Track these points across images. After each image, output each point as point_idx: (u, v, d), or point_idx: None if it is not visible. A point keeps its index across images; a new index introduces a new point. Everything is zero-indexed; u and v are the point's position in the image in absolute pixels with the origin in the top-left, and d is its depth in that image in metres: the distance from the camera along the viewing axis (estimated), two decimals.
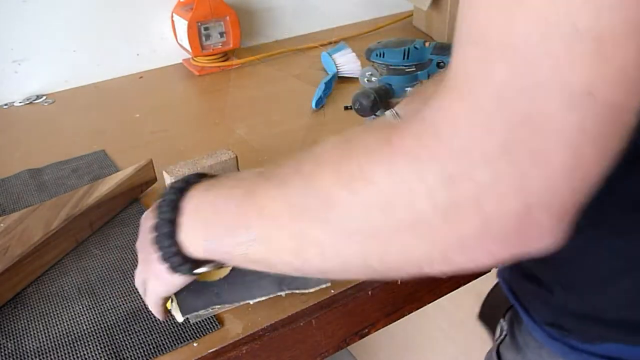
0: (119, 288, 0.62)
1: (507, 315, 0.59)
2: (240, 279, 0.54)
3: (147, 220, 0.46)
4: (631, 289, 0.41)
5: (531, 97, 0.26)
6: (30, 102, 1.14)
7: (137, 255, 0.51)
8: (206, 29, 1.20)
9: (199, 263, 0.42)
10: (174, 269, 0.43)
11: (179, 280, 0.44)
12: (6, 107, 1.12)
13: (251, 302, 0.55)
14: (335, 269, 0.35)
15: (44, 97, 1.15)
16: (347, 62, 1.16)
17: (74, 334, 0.57)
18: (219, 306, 0.54)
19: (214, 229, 0.39)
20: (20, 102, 1.13)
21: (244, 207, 0.37)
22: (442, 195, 0.28)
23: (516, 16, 0.26)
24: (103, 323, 0.58)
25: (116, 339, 0.56)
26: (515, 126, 0.26)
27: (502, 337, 0.59)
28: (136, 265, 0.65)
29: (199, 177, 0.44)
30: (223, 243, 0.39)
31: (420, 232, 0.30)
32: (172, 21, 1.25)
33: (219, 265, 0.44)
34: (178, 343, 0.55)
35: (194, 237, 0.41)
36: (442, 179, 0.28)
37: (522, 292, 0.52)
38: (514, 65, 0.26)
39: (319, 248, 0.34)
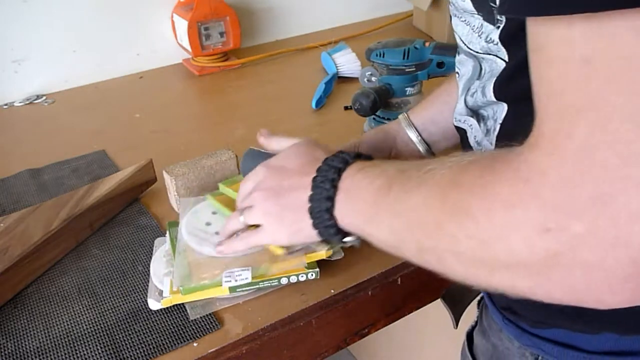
0: (119, 288, 0.62)
1: (480, 304, 0.61)
2: None
3: (289, 177, 0.51)
4: None
5: (621, 155, 0.26)
6: (30, 102, 1.14)
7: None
8: (206, 29, 1.20)
9: (345, 233, 0.48)
10: (325, 236, 0.49)
11: (312, 241, 0.51)
12: (6, 107, 1.12)
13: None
14: (449, 275, 0.38)
15: (44, 97, 1.15)
16: (347, 62, 1.16)
17: (74, 334, 0.57)
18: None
19: (359, 213, 0.45)
20: (20, 102, 1.13)
21: (378, 203, 0.43)
22: (539, 243, 0.30)
23: (590, 78, 0.27)
24: (103, 323, 0.58)
25: (116, 339, 0.56)
26: (607, 180, 0.27)
27: (473, 323, 0.61)
28: (135, 265, 0.65)
29: (354, 157, 0.48)
30: (364, 228, 0.45)
31: (518, 272, 0.32)
32: (172, 21, 1.25)
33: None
34: (178, 343, 0.55)
35: (350, 216, 0.46)
36: (537, 229, 0.30)
37: None
38: (596, 124, 0.27)
39: (434, 256, 0.38)
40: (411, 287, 0.65)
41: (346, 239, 0.50)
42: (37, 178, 0.84)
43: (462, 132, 0.53)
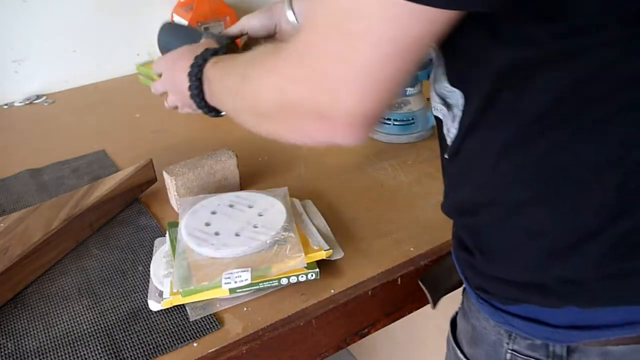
0: (119, 288, 0.62)
1: (464, 291, 0.62)
2: None
3: (180, 64, 0.68)
4: (535, 255, 0.46)
5: (312, 53, 0.42)
6: (30, 102, 1.14)
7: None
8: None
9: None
10: (205, 112, 0.67)
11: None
12: (6, 107, 1.12)
13: None
14: (247, 127, 0.55)
15: (44, 97, 1.15)
16: None
17: (74, 334, 0.57)
18: None
19: (214, 96, 0.63)
20: (20, 102, 1.14)
21: (219, 88, 0.61)
22: (278, 98, 0.46)
23: (315, 6, 0.42)
24: (103, 323, 0.58)
25: (116, 339, 0.56)
26: (306, 63, 0.43)
27: (457, 309, 0.63)
28: (135, 265, 0.65)
29: (211, 54, 0.64)
30: (219, 105, 0.64)
31: (270, 118, 0.49)
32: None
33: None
34: (178, 343, 0.55)
35: (212, 99, 0.63)
36: (278, 90, 0.46)
37: (461, 262, 0.56)
38: (307, 34, 0.43)
39: (239, 115, 0.55)
40: (411, 287, 0.65)
41: (222, 113, 0.67)
42: (37, 178, 0.84)
43: (438, 121, 0.55)
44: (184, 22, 0.94)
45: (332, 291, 0.61)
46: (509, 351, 0.52)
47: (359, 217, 0.72)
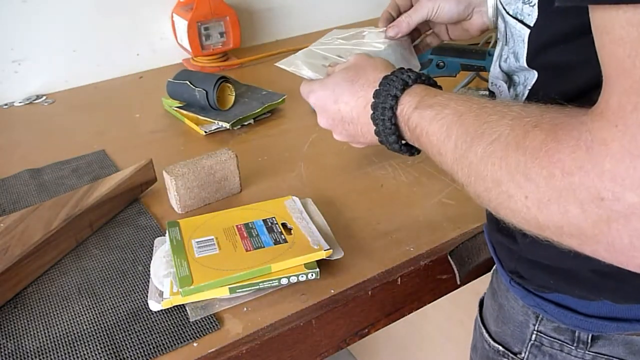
0: (119, 288, 0.62)
1: (492, 269, 0.64)
2: None
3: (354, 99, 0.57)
4: None
5: None
6: (30, 102, 1.14)
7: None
8: (206, 29, 1.20)
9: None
10: (397, 151, 0.55)
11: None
12: (6, 107, 1.12)
13: None
14: (501, 218, 0.40)
15: (44, 97, 1.15)
16: None
17: (74, 334, 0.57)
18: None
19: (420, 145, 0.50)
20: (20, 102, 1.14)
21: (438, 147, 0.46)
22: (593, 210, 0.31)
23: None
24: (103, 323, 0.58)
25: (116, 339, 0.56)
26: None
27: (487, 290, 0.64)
28: (135, 265, 0.65)
29: (403, 86, 0.51)
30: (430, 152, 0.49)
31: (569, 231, 0.34)
32: (172, 21, 1.25)
33: None
34: (178, 343, 0.55)
35: (413, 141, 0.51)
36: (593, 197, 0.31)
37: (496, 244, 0.57)
38: None
39: (490, 205, 0.40)
40: (411, 287, 0.65)
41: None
42: (37, 178, 0.84)
43: (492, 95, 0.55)
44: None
45: (332, 291, 0.61)
46: (535, 332, 0.54)
47: (359, 217, 0.72)
